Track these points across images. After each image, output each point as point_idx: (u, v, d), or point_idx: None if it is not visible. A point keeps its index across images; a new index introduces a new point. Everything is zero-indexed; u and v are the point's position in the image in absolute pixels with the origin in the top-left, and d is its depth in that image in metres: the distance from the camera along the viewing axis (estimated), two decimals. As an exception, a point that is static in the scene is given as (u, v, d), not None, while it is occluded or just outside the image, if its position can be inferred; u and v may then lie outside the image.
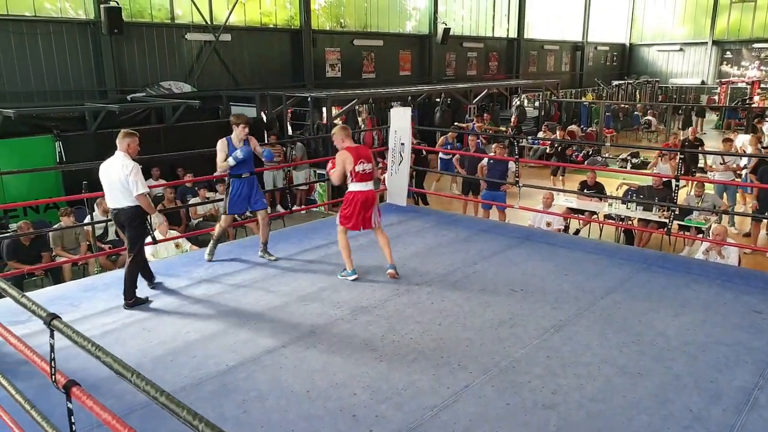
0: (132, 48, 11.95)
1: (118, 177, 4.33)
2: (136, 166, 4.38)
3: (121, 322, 4.22)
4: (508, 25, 23.30)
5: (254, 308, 4.44)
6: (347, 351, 3.77)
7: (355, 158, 4.88)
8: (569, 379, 3.38)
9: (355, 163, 4.87)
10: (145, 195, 4.39)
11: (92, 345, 1.61)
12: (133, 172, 4.33)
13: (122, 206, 4.42)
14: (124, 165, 4.34)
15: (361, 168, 4.90)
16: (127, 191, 4.35)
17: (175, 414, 1.40)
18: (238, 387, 3.37)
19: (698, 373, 3.45)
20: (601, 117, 19.95)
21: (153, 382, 1.54)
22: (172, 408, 1.39)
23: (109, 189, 4.44)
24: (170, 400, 1.38)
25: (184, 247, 6.86)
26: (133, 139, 4.44)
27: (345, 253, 5.03)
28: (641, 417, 3.03)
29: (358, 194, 4.94)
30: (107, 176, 4.42)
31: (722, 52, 27.66)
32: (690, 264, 5.63)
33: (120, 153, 4.41)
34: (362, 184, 4.93)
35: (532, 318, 4.22)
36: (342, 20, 17.27)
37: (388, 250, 5.10)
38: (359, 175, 4.91)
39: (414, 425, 3.00)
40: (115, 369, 1.53)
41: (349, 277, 4.97)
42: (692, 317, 4.23)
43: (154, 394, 1.43)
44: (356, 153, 4.92)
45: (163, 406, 1.45)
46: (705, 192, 8.52)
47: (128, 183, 4.32)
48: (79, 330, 2.00)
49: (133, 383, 1.51)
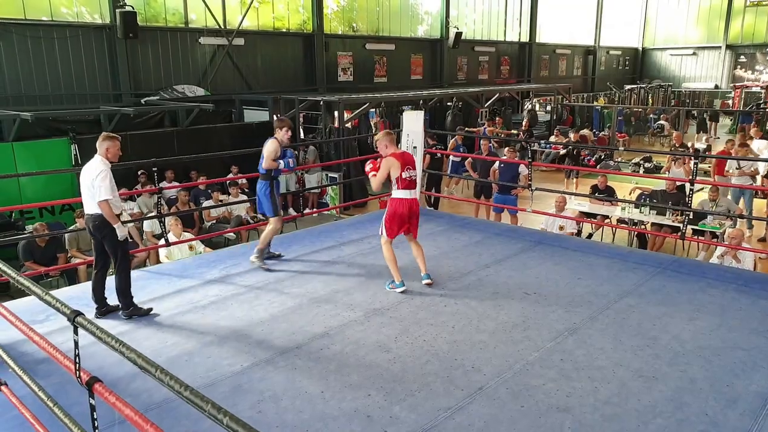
0: (146, 52, 12.09)
1: (90, 181, 4.12)
2: (106, 171, 4.11)
3: (136, 322, 4.27)
4: (519, 30, 23.28)
5: (268, 310, 4.47)
6: (361, 352, 3.79)
7: (402, 165, 4.73)
8: (583, 383, 3.37)
9: (401, 170, 4.72)
10: (106, 202, 4.08)
11: (116, 341, 1.64)
12: (101, 176, 4.06)
13: (91, 212, 4.18)
14: (95, 168, 4.13)
15: (408, 175, 4.76)
16: (93, 196, 4.11)
17: (200, 408, 1.43)
18: (252, 387, 3.39)
19: (714, 377, 3.43)
20: (613, 121, 19.84)
21: (177, 377, 1.56)
22: (197, 402, 1.41)
23: (83, 193, 4.23)
24: (195, 395, 1.40)
25: (197, 248, 6.91)
26: (114, 143, 4.21)
27: (392, 265, 4.85)
28: (657, 421, 3.01)
29: (403, 202, 4.79)
30: (83, 179, 4.20)
31: (736, 56, 27.44)
32: (705, 268, 5.58)
33: (98, 156, 4.19)
34: (407, 192, 4.79)
35: (546, 321, 4.21)
36: (354, 24, 17.35)
37: (422, 259, 4.97)
38: (405, 182, 4.76)
39: (428, 426, 3.00)
40: (139, 364, 1.55)
41: (398, 289, 4.78)
42: (708, 321, 4.20)
43: (179, 389, 1.45)
44: (403, 159, 4.78)
45: (187, 400, 1.47)
46: (719, 196, 8.46)
47: (93, 187, 4.08)
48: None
49: (156, 378, 1.54)
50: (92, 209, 4.17)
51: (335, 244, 6.16)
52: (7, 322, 2.70)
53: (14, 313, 2.57)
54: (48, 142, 8.46)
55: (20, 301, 4.52)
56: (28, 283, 2.05)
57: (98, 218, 4.15)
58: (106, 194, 4.07)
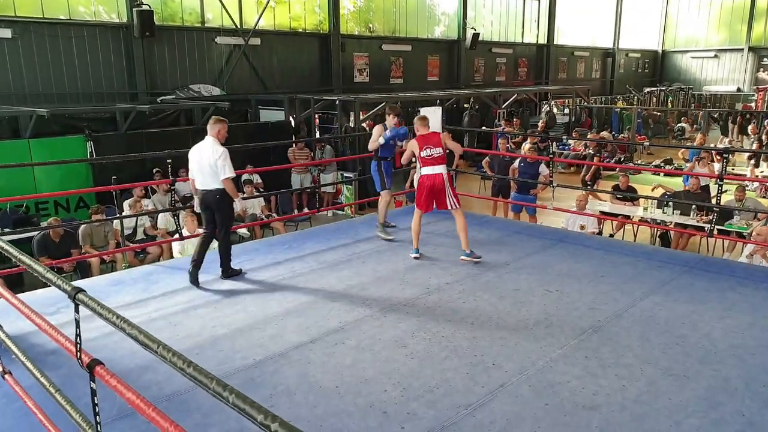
0: (163, 51, 12.12)
1: (209, 160, 4.57)
2: (225, 151, 4.60)
3: (148, 316, 4.19)
4: (537, 31, 23.06)
5: (282, 304, 4.37)
6: (377, 347, 3.67)
7: (421, 144, 5.20)
8: (610, 380, 3.21)
9: (420, 149, 5.19)
10: (230, 179, 4.62)
11: (117, 317, 1.54)
12: (222, 156, 4.56)
13: (210, 188, 4.67)
14: (214, 150, 4.58)
15: (427, 153, 5.18)
16: (216, 174, 4.58)
17: (204, 386, 1.32)
18: (265, 381, 3.29)
19: (749, 376, 3.25)
20: (633, 123, 19.53)
21: (180, 353, 1.46)
22: (201, 379, 1.31)
23: (198, 171, 4.69)
24: (198, 371, 1.30)
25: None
26: (223, 125, 4.72)
27: (414, 235, 5.41)
28: (690, 420, 2.84)
29: (423, 178, 5.25)
30: (198, 159, 4.67)
31: (759, 58, 26.86)
32: (734, 267, 5.37)
33: (210, 138, 4.67)
34: (428, 168, 5.20)
35: (569, 318, 4.05)
36: (371, 25, 17.29)
37: (464, 234, 5.24)
38: (424, 159, 5.20)
39: (448, 423, 2.87)
40: (140, 341, 1.45)
41: (412, 255, 5.36)
42: (739, 320, 4.01)
43: (182, 366, 1.35)
44: (424, 139, 5.25)
45: (191, 377, 1.37)
46: (746, 196, 8.21)
47: (217, 167, 4.55)
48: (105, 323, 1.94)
49: (158, 354, 1.44)
50: (209, 185, 4.66)
51: (350, 242, 6.06)
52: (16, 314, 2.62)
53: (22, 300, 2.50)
54: (64, 140, 8.48)
55: (32, 293, 4.48)
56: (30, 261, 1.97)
57: (219, 192, 4.67)
58: (230, 172, 4.61)
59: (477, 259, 5.21)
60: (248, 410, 1.16)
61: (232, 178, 4.66)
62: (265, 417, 1.11)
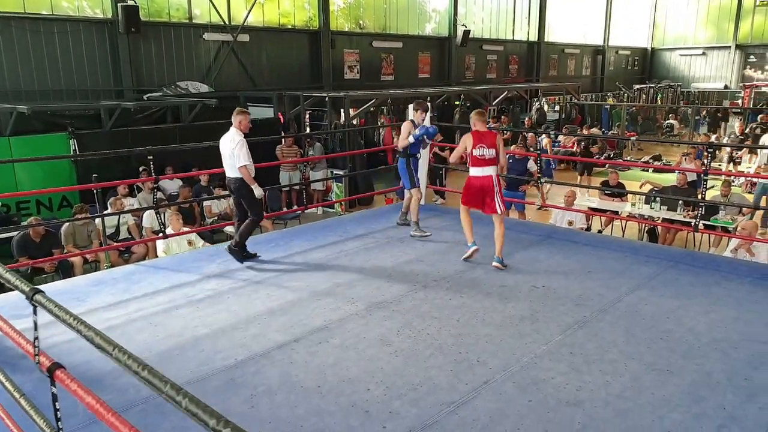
0: (149, 47, 11.99)
1: (229, 150, 4.88)
2: (243, 140, 4.87)
3: (128, 316, 4.12)
4: (528, 29, 23.07)
5: (266, 304, 4.32)
6: (361, 346, 3.63)
7: (475, 141, 4.90)
8: (594, 376, 3.19)
9: (473, 146, 4.90)
10: (245, 167, 4.87)
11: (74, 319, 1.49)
12: (238, 146, 4.84)
13: (232, 176, 4.98)
14: (232, 139, 4.88)
15: (479, 152, 4.90)
16: (234, 163, 4.87)
17: (158, 390, 1.27)
18: (246, 382, 3.24)
19: (731, 370, 3.24)
20: (622, 120, 19.62)
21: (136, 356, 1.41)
22: (155, 383, 1.26)
23: (223, 159, 5.01)
24: (153, 375, 1.25)
25: (197, 244, 6.78)
26: (244, 116, 4.97)
27: (466, 228, 5.20)
28: (672, 415, 2.83)
29: (472, 179, 5.02)
30: (222, 148, 4.98)
31: (746, 56, 27.05)
32: (719, 262, 5.39)
33: (233, 128, 4.95)
34: (477, 169, 4.95)
35: (555, 314, 4.03)
36: (361, 22, 17.21)
37: (501, 242, 5.01)
38: (475, 159, 4.93)
39: (430, 422, 2.83)
40: (96, 343, 1.40)
41: (468, 250, 5.11)
42: (723, 315, 4.01)
43: (136, 369, 1.30)
44: (478, 136, 4.94)
45: (145, 381, 1.32)
46: (732, 192, 8.25)
47: (234, 155, 4.83)
48: None
49: (113, 357, 1.39)
50: (232, 173, 4.96)
51: (339, 239, 6.01)
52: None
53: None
54: (46, 137, 8.32)
55: (7, 295, 4.39)
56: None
57: (238, 181, 4.95)
58: (244, 160, 4.85)
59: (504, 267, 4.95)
60: (200, 415, 1.12)
61: (247, 165, 4.88)
62: (218, 422, 1.07)
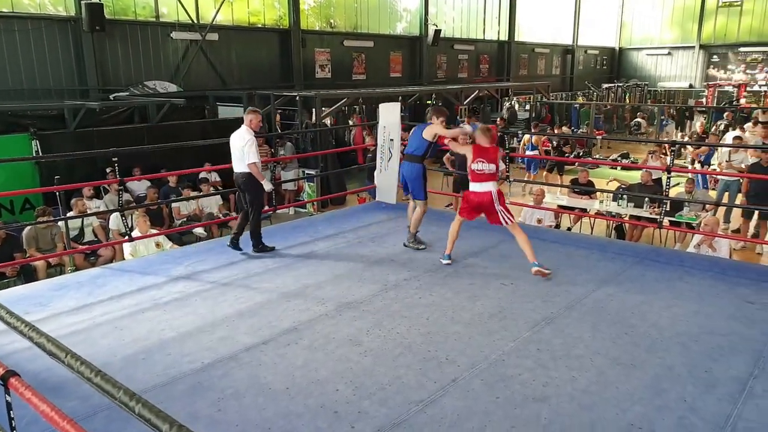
0: (115, 46, 11.74)
1: (238, 146, 5.18)
2: (252, 139, 5.16)
3: (92, 321, 4.03)
4: (498, 28, 23.30)
5: (234, 306, 4.27)
6: (330, 347, 3.61)
7: (475, 155, 4.83)
8: (560, 372, 3.24)
9: (473, 159, 4.83)
10: (255, 164, 5.17)
11: (25, 325, 1.44)
12: (248, 143, 5.14)
13: (239, 171, 5.27)
14: (242, 137, 5.20)
15: (477, 167, 4.81)
16: (243, 159, 5.17)
17: (110, 396, 1.24)
18: (213, 385, 3.19)
19: (692, 363, 3.33)
20: (591, 119, 19.96)
21: (89, 362, 1.37)
22: (108, 389, 1.23)
23: (233, 155, 5.29)
24: (106, 381, 1.22)
25: (165, 246, 6.66)
26: (255, 115, 5.27)
27: (450, 238, 5.11)
28: (635, 408, 2.89)
29: (471, 195, 4.92)
30: (233, 145, 5.28)
31: (709, 56, 27.81)
32: (682, 257, 5.52)
33: (244, 127, 5.25)
34: (477, 185, 4.86)
35: (523, 311, 4.08)
36: (332, 21, 17.15)
37: (528, 247, 4.83)
38: (474, 174, 4.85)
39: (398, 421, 2.84)
40: (47, 349, 1.36)
41: (443, 261, 5.07)
42: (685, 309, 4.11)
43: (89, 375, 1.27)
44: (479, 151, 4.87)
45: (98, 387, 1.29)
46: (695, 188, 8.47)
47: (243, 152, 5.14)
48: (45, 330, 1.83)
49: (66, 364, 1.35)
50: (240, 168, 5.27)
51: (310, 240, 5.98)
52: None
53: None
54: (7, 138, 8.05)
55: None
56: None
57: (246, 176, 5.26)
58: (254, 158, 5.16)
59: (548, 271, 4.74)
60: (153, 420, 1.10)
61: (256, 162, 5.17)
62: (171, 426, 1.05)
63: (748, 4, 26.23)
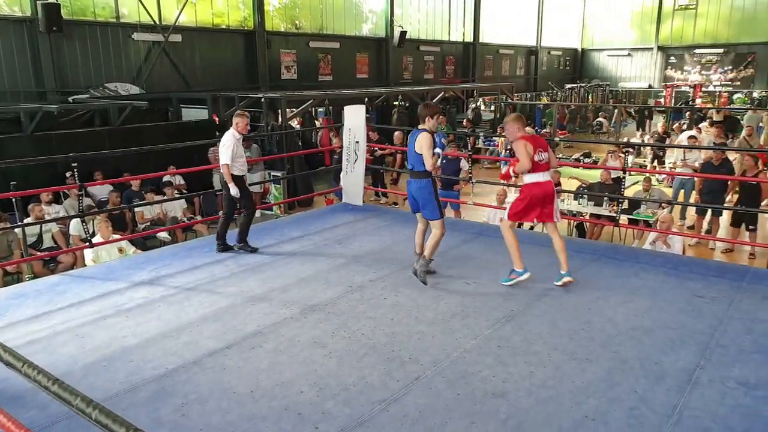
0: (73, 47, 11.45)
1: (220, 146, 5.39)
2: (229, 142, 5.28)
3: (52, 329, 3.96)
4: (463, 30, 23.58)
5: (198, 311, 4.25)
6: (295, 350, 3.64)
7: (534, 147, 4.50)
8: (519, 367, 3.35)
9: (534, 152, 4.48)
10: (226, 166, 5.27)
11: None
12: (224, 146, 5.30)
13: (219, 171, 5.48)
14: (224, 138, 5.37)
15: (539, 158, 4.51)
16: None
17: (67, 403, 1.26)
18: (176, 390, 3.19)
19: (644, 356, 3.47)
20: (554, 119, 20.39)
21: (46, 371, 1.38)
22: (65, 397, 1.24)
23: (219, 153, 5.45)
24: (63, 388, 1.24)
25: (128, 251, 6.56)
26: (242, 119, 5.40)
27: (514, 251, 4.60)
28: (589, 401, 3.01)
29: (535, 186, 4.54)
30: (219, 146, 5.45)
31: (667, 57, 28.72)
32: (638, 254, 5.73)
33: (231, 129, 5.40)
34: (540, 175, 4.53)
35: (485, 309, 4.19)
36: (297, 22, 17.08)
37: (564, 255, 4.61)
38: (537, 165, 4.51)
39: (362, 420, 2.89)
40: (3, 359, 1.37)
41: (521, 277, 4.56)
42: (639, 304, 4.28)
43: (45, 383, 1.28)
44: (534, 141, 4.56)
45: (55, 395, 1.30)
46: (652, 186, 8.77)
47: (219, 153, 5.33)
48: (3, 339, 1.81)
49: (23, 373, 1.36)
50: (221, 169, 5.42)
51: (275, 242, 5.98)
52: None
53: None
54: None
55: None
56: None
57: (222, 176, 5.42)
58: (225, 160, 5.29)
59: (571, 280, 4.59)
60: (111, 426, 1.12)
61: (227, 164, 5.27)
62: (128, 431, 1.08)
63: (703, 7, 27.19)
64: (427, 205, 4.68)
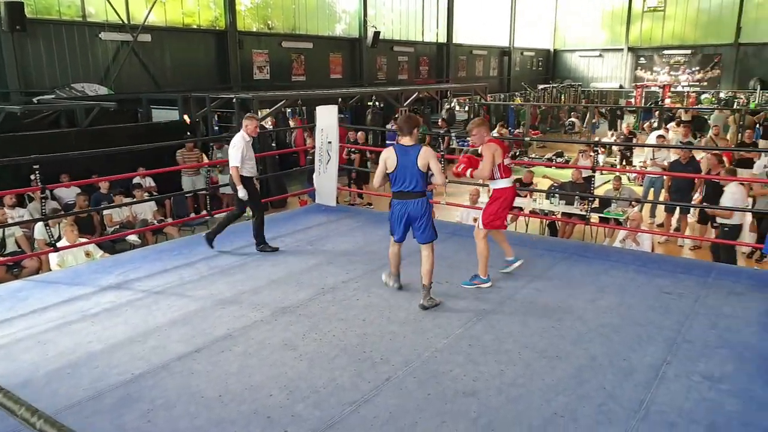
0: (38, 47, 11.15)
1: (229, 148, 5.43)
2: (239, 144, 5.30)
3: (13, 336, 3.84)
4: (437, 30, 23.68)
5: (167, 314, 4.17)
6: (265, 352, 3.59)
7: (503, 152, 4.52)
8: (490, 366, 3.36)
9: (503, 156, 4.52)
10: (235, 168, 5.32)
11: None
12: (234, 148, 5.34)
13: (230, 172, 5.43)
14: (234, 140, 5.39)
15: (508, 161, 4.64)
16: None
17: (12, 412, 1.21)
18: (142, 396, 3.12)
19: (613, 353, 3.52)
20: (527, 119, 20.63)
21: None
22: (9, 406, 1.19)
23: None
24: (8, 398, 1.19)
25: (95, 255, 6.40)
26: (251, 121, 5.42)
27: (484, 260, 4.58)
28: (559, 398, 3.03)
29: (508, 191, 4.63)
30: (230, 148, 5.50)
31: (636, 57, 29.29)
32: (608, 252, 5.81)
33: (241, 131, 5.42)
34: (509, 180, 4.64)
35: (456, 308, 4.20)
36: (269, 22, 16.93)
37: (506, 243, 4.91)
38: (507, 169, 4.59)
39: (332, 422, 2.86)
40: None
41: (484, 285, 4.56)
42: (609, 301, 4.34)
43: (-12, 394, 1.22)
44: (502, 146, 4.57)
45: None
46: (622, 185, 8.92)
47: (230, 155, 5.36)
48: None
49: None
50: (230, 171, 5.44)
51: (247, 244, 5.89)
52: None
53: None
54: None
55: None
56: None
57: (231, 177, 5.43)
58: (234, 162, 5.33)
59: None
60: (55, 436, 1.08)
61: (236, 167, 5.30)
62: (72, 441, 1.04)
63: (671, 8, 27.80)
64: (426, 227, 4.32)
